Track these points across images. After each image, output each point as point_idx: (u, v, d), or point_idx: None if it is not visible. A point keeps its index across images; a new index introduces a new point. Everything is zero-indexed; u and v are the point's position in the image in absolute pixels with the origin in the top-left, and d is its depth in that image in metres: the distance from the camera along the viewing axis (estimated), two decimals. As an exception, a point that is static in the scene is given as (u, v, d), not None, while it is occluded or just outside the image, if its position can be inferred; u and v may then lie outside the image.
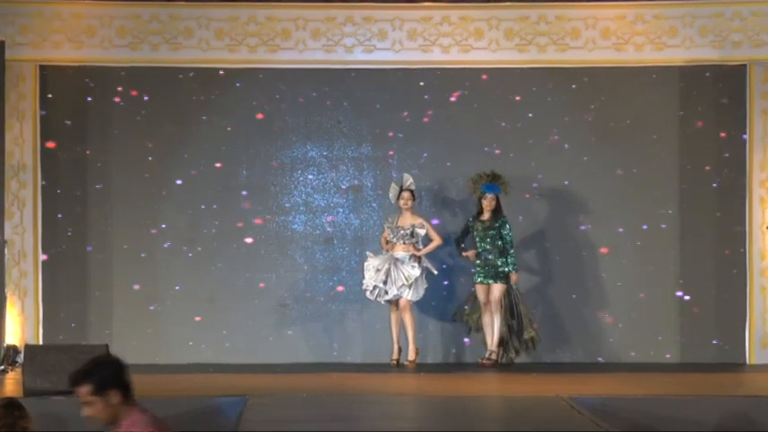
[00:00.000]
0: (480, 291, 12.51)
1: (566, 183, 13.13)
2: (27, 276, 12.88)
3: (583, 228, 13.15)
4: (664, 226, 13.09)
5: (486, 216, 12.56)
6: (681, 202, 13.10)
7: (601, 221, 13.14)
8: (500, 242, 12.46)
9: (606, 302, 13.08)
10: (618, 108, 13.15)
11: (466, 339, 13.02)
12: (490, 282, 12.46)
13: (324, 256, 13.17)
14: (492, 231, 12.47)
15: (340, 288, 13.15)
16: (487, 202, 12.51)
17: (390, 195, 12.65)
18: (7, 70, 12.52)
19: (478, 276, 12.52)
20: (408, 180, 12.56)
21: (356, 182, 13.18)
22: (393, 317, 12.51)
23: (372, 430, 8.34)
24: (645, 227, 13.13)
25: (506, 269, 12.44)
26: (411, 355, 12.44)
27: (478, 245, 12.54)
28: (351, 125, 13.20)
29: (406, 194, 12.52)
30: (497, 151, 13.14)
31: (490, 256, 12.47)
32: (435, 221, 13.03)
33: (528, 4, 13.09)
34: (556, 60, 13.09)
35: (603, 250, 13.15)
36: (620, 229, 13.12)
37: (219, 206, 13.11)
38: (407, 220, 12.55)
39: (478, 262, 12.53)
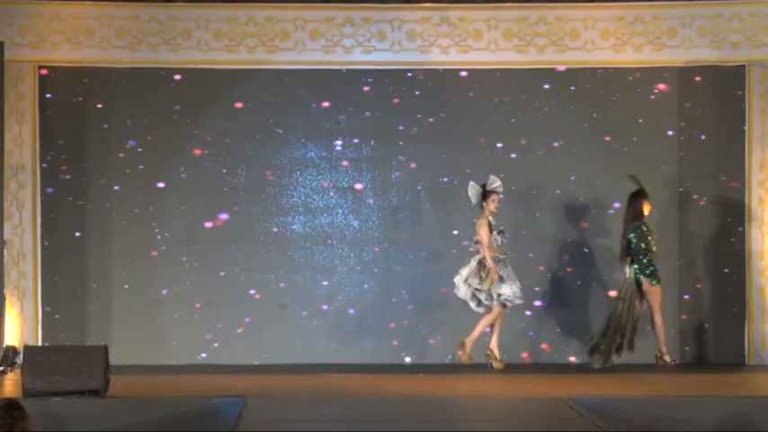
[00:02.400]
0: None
1: (565, 182, 13.12)
2: (26, 277, 12.88)
3: (582, 228, 13.14)
4: (663, 225, 13.08)
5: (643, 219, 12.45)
6: (680, 202, 13.09)
7: (600, 222, 13.14)
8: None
9: (606, 303, 13.07)
10: (617, 108, 13.15)
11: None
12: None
13: (323, 256, 13.17)
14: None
15: (339, 288, 13.14)
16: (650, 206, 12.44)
17: (471, 195, 12.28)
18: (6, 71, 12.52)
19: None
20: (497, 182, 12.32)
21: (356, 183, 13.18)
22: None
23: (372, 431, 8.34)
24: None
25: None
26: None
27: (646, 246, 12.43)
28: (350, 126, 13.20)
29: (497, 198, 12.23)
30: (497, 151, 13.14)
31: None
32: (437, 223, 13.06)
33: (527, 4, 13.09)
34: (555, 61, 13.09)
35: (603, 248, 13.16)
36: (619, 230, 13.11)
37: (219, 207, 13.11)
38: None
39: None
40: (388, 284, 13.13)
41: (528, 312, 13.00)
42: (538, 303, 13.09)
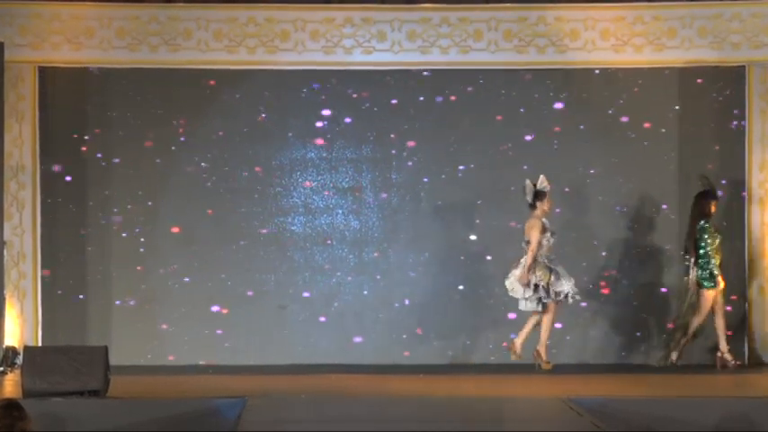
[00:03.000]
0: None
1: (565, 183, 13.12)
2: (26, 277, 12.88)
3: (579, 228, 13.13)
4: (663, 225, 13.08)
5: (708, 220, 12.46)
6: (680, 202, 13.09)
7: (599, 222, 13.14)
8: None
9: (606, 303, 13.07)
10: (617, 109, 13.15)
11: (467, 341, 13.04)
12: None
13: (323, 257, 13.17)
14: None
15: (339, 289, 13.14)
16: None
17: (527, 194, 12.16)
18: (6, 71, 12.51)
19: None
20: (546, 181, 12.23)
21: (356, 183, 13.18)
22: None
23: (371, 431, 8.34)
24: (642, 227, 13.12)
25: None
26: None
27: (707, 249, 12.39)
28: (350, 127, 13.20)
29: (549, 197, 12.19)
30: (497, 152, 13.14)
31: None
32: (437, 223, 13.06)
33: (527, 5, 13.08)
34: (555, 62, 13.09)
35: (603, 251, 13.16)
36: (619, 231, 13.11)
37: (219, 207, 13.11)
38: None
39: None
40: (388, 285, 13.13)
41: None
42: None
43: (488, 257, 13.12)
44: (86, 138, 13.04)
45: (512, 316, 12.89)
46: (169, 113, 13.09)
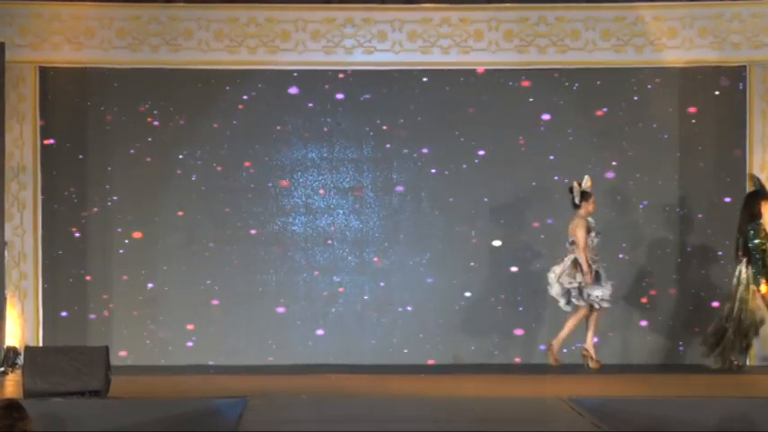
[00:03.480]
0: None
1: (564, 183, 13.13)
2: (27, 278, 12.88)
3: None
4: (663, 227, 13.09)
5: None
6: (681, 203, 13.10)
7: (598, 223, 13.12)
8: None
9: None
10: (618, 110, 13.15)
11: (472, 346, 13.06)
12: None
13: (324, 257, 13.17)
14: None
15: (340, 290, 13.15)
16: None
17: (574, 194, 12.23)
18: (7, 72, 12.52)
19: None
20: (589, 182, 12.28)
21: (356, 183, 13.19)
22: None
23: (372, 431, 8.35)
24: (643, 228, 13.13)
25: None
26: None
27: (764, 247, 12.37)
28: (351, 127, 13.20)
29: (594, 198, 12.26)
30: (498, 152, 13.15)
31: None
32: (437, 224, 13.07)
33: (528, 5, 13.09)
34: (556, 62, 13.09)
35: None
36: (618, 231, 13.12)
37: (220, 207, 13.11)
38: None
39: None
40: (389, 285, 13.13)
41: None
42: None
43: (489, 258, 13.12)
44: (87, 138, 13.04)
45: (512, 316, 12.91)
46: (170, 113, 13.09)
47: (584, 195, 12.19)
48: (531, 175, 13.14)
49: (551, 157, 13.11)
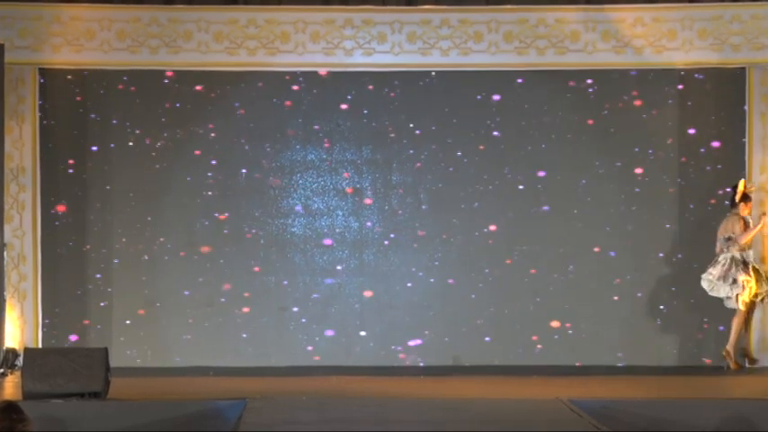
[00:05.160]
0: None
1: (565, 184, 13.13)
2: (26, 279, 12.88)
3: (579, 228, 13.14)
4: (664, 228, 13.09)
5: None
6: (680, 203, 13.09)
7: (598, 223, 13.13)
8: None
9: (606, 305, 13.07)
10: (617, 111, 13.15)
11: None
12: None
13: (323, 258, 13.17)
14: None
15: (340, 291, 13.14)
16: None
17: (737, 193, 12.54)
18: (7, 73, 12.52)
19: None
20: (753, 186, 12.68)
21: (356, 185, 13.18)
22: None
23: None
24: (644, 229, 13.13)
25: None
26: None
27: None
28: (350, 128, 13.20)
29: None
30: (498, 153, 13.15)
31: None
32: (437, 225, 13.06)
33: (527, 6, 13.08)
34: (555, 63, 13.08)
35: (597, 250, 13.15)
36: (618, 231, 13.12)
37: (219, 209, 13.10)
38: None
39: None
40: (389, 286, 13.13)
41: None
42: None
43: (489, 258, 13.11)
44: (87, 139, 13.04)
45: (512, 316, 12.91)
46: (170, 115, 13.09)
47: (746, 198, 12.53)
48: (532, 176, 13.13)
49: (551, 158, 13.10)
